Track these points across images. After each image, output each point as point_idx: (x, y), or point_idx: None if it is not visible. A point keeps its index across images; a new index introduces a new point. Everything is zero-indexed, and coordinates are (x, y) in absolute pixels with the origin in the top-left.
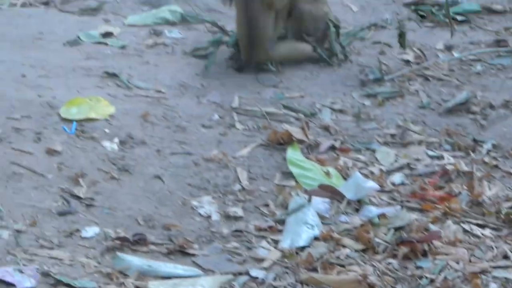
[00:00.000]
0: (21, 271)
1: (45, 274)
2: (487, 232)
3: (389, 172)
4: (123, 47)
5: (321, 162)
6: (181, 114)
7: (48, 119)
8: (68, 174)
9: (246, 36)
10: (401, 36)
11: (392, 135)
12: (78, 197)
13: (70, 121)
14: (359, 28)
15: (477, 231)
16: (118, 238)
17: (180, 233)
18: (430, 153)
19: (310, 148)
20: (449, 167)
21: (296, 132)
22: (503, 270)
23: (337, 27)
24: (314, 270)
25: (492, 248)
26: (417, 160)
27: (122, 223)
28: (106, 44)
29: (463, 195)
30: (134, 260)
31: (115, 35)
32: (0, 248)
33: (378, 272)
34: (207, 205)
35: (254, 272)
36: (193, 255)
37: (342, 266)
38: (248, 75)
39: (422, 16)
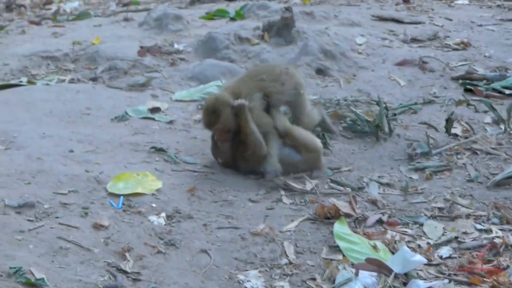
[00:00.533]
0: None
1: None
2: None
3: (437, 246)
4: (170, 122)
5: (368, 236)
6: (228, 189)
7: (95, 194)
8: (114, 249)
9: None
10: (448, 122)
11: (440, 209)
12: (124, 272)
13: (117, 196)
14: (409, 102)
15: None
16: None
17: None
18: (478, 226)
19: (357, 222)
20: (497, 241)
21: (344, 206)
22: None
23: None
24: None
25: None
26: (465, 233)
27: None
28: (153, 119)
29: (511, 269)
30: None
31: (162, 110)
32: None
33: None
34: (254, 279)
35: None
36: None
37: None
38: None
39: (469, 90)
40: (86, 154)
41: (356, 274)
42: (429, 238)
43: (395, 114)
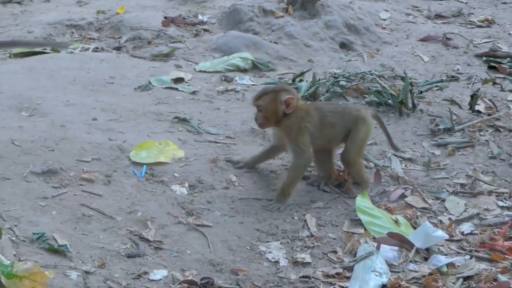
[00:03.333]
0: None
1: None
2: None
3: (459, 222)
4: (194, 92)
5: (390, 210)
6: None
7: (118, 162)
8: (137, 217)
9: None
10: (473, 98)
11: (462, 185)
12: (146, 240)
13: (140, 164)
14: (436, 79)
15: None
16: (186, 282)
17: (248, 278)
18: (500, 203)
19: (379, 196)
20: None
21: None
22: None
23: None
24: None
25: None
26: (487, 210)
27: (190, 267)
28: (177, 89)
29: None
30: None
31: (186, 80)
32: None
33: None
34: (275, 251)
35: None
36: None
37: None
38: None
39: (493, 67)
40: (110, 122)
41: (378, 248)
42: (450, 214)
43: (421, 92)
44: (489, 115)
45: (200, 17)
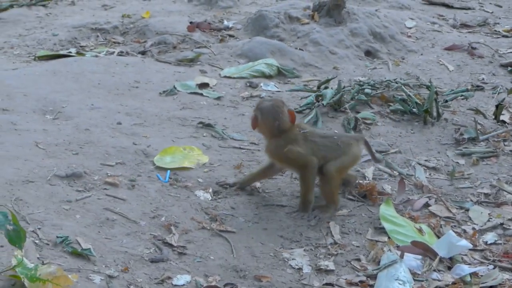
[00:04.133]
0: None
1: None
2: None
3: (482, 231)
4: (218, 98)
5: (414, 219)
6: None
7: (143, 167)
8: (160, 222)
9: None
10: (498, 108)
11: (486, 195)
12: (170, 245)
13: (164, 169)
14: (461, 89)
15: None
16: (209, 287)
17: (271, 284)
18: None
19: (403, 205)
20: None
21: (391, 189)
22: None
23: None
24: None
25: None
26: (511, 220)
27: (214, 272)
28: (201, 94)
29: None
30: None
31: (211, 86)
32: None
33: None
34: (299, 258)
35: None
36: None
37: None
38: (344, 131)
39: None
40: (134, 126)
41: (401, 256)
42: (474, 224)
43: (446, 101)
44: None
45: (225, 22)
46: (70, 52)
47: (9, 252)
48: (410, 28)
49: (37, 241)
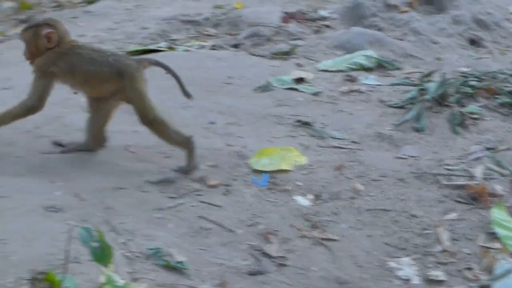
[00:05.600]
0: None
1: None
2: None
3: None
4: (316, 93)
5: None
6: (378, 167)
7: (238, 170)
8: (258, 230)
9: None
10: None
11: None
12: (269, 256)
13: (260, 172)
14: None
15: None
16: None
17: None
18: None
19: None
20: None
21: (502, 190)
22: None
23: None
24: None
25: None
26: None
27: (316, 285)
28: (297, 90)
29: None
30: None
31: (307, 80)
32: None
33: None
34: (407, 267)
35: None
36: None
37: None
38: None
39: None
40: (228, 126)
41: None
42: None
43: None
44: None
45: (320, 12)
46: (159, 47)
47: (98, 266)
48: None
49: (127, 254)
